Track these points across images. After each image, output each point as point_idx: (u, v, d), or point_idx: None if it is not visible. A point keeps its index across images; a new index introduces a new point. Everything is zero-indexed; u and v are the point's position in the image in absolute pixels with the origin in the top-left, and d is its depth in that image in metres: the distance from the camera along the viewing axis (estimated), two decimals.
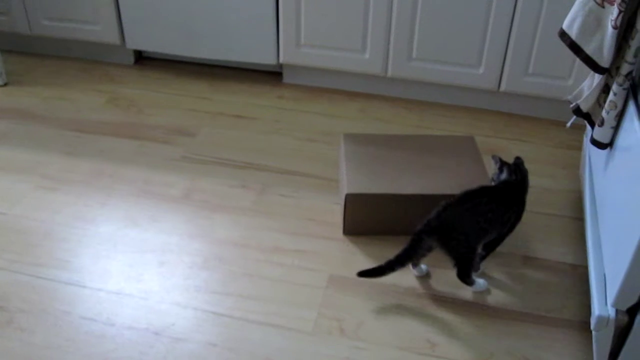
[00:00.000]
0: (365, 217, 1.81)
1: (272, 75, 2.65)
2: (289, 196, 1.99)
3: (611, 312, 1.31)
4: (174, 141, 2.23)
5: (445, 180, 1.81)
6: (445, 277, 1.70)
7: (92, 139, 2.23)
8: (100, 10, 2.52)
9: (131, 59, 2.71)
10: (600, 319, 1.32)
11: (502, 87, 2.32)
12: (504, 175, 1.68)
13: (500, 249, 1.78)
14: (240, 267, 1.73)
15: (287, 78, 2.60)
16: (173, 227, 1.86)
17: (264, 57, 2.49)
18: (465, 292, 1.67)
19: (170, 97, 2.50)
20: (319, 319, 1.59)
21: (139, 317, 1.58)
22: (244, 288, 1.67)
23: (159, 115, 2.38)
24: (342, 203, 1.81)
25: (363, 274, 1.62)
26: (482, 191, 1.62)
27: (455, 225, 1.57)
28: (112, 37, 2.58)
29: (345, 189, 1.78)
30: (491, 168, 1.77)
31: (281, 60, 2.47)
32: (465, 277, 1.63)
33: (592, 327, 1.35)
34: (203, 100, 2.48)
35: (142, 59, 2.76)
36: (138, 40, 2.57)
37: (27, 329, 1.54)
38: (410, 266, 1.69)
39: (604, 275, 1.41)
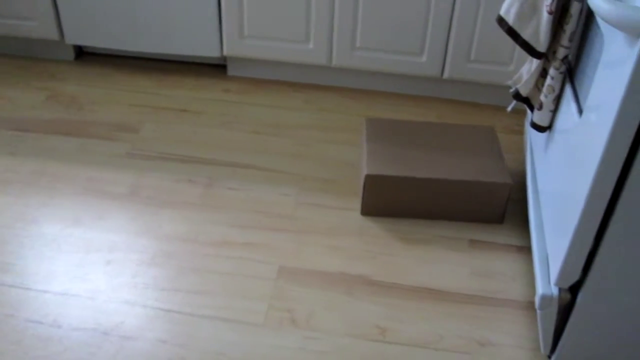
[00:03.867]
0: (382, 199, 1.85)
1: (216, 68, 2.62)
2: (236, 189, 1.97)
3: (554, 290, 1.35)
4: (117, 137, 2.19)
5: (463, 167, 1.85)
6: (393, 264, 1.72)
7: (32, 138, 2.18)
8: (36, 5, 2.45)
9: (71, 55, 2.65)
10: (544, 297, 1.35)
11: (446, 75, 2.35)
12: None
13: (446, 233, 1.81)
14: (189, 263, 1.71)
15: (231, 71, 2.58)
16: (119, 225, 1.83)
17: (207, 49, 2.47)
18: (413, 278, 1.69)
19: (112, 92, 2.45)
20: (270, 310, 1.59)
21: (87, 318, 1.56)
22: (193, 283, 1.65)
23: (102, 112, 2.33)
24: (361, 184, 1.85)
25: None
26: None
27: None
28: (51, 33, 2.52)
29: (365, 170, 1.81)
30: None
31: (225, 52, 2.45)
32: None
33: (536, 306, 1.38)
34: (146, 95, 2.44)
35: (82, 54, 2.70)
36: (77, 35, 2.52)
37: None
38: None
39: (547, 255, 1.44)
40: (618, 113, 1.10)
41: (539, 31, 1.49)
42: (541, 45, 1.50)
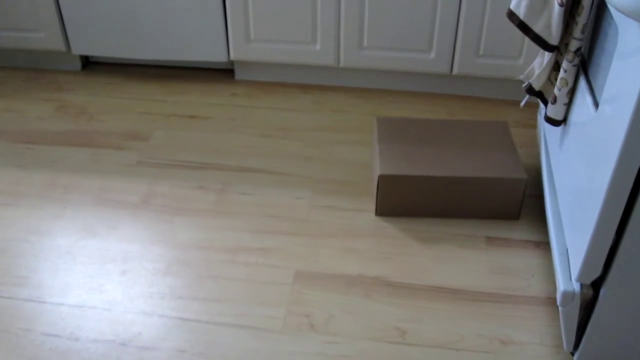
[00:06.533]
0: (397, 199, 1.84)
1: (224, 72, 2.61)
2: (249, 194, 1.96)
3: (576, 286, 1.33)
4: (127, 146, 2.19)
5: (477, 163, 1.83)
6: (410, 264, 1.70)
7: (43, 150, 2.18)
8: (41, 16, 2.45)
9: (78, 65, 2.65)
10: (565, 294, 1.33)
11: (455, 71, 2.33)
12: None
13: (462, 231, 1.79)
14: (205, 270, 1.70)
15: (239, 75, 2.57)
16: (133, 234, 1.82)
17: (214, 54, 2.46)
18: (431, 278, 1.67)
19: (121, 101, 2.45)
20: (288, 316, 1.57)
21: (104, 329, 1.55)
22: (210, 291, 1.64)
23: (111, 121, 2.33)
24: (375, 184, 1.84)
25: None
26: None
27: None
28: (57, 44, 2.52)
29: (378, 170, 1.80)
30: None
31: (232, 56, 2.44)
32: None
33: (558, 302, 1.36)
34: (155, 103, 2.43)
35: (89, 64, 2.69)
36: (84, 45, 2.51)
37: None
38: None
39: (567, 250, 1.42)
40: (636, 105, 1.08)
41: (550, 24, 1.47)
42: (553, 38, 1.48)
